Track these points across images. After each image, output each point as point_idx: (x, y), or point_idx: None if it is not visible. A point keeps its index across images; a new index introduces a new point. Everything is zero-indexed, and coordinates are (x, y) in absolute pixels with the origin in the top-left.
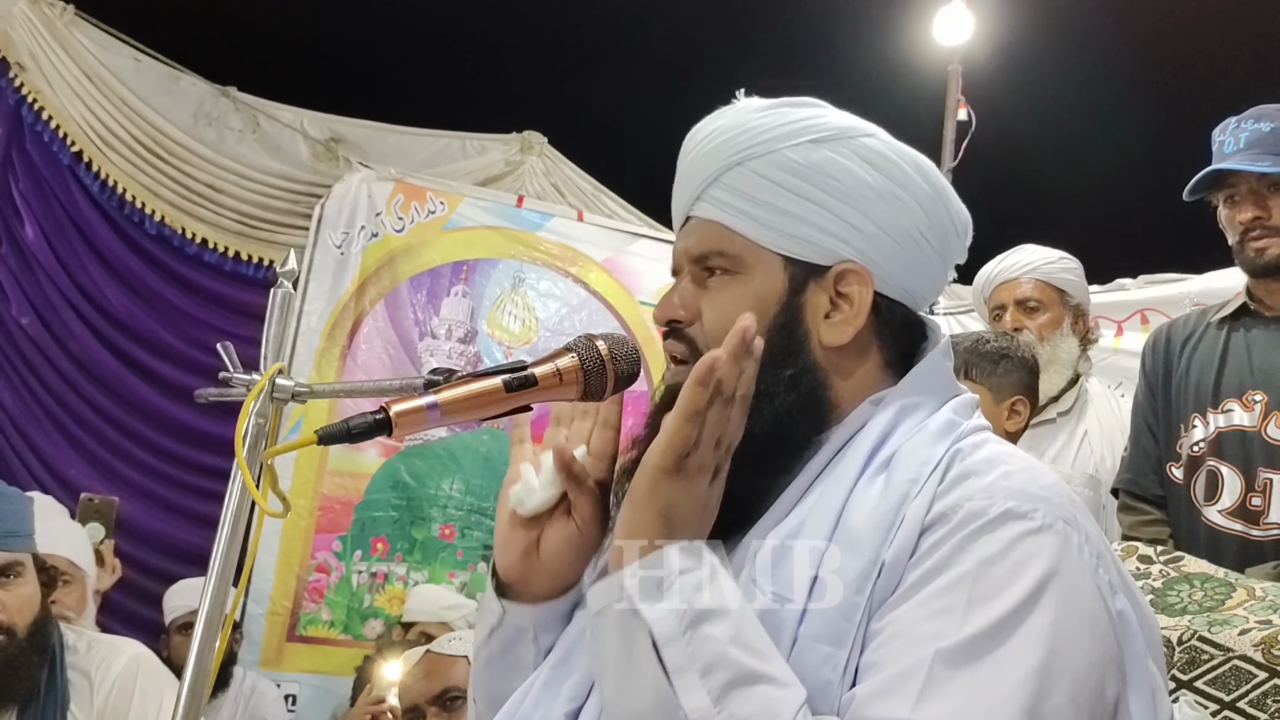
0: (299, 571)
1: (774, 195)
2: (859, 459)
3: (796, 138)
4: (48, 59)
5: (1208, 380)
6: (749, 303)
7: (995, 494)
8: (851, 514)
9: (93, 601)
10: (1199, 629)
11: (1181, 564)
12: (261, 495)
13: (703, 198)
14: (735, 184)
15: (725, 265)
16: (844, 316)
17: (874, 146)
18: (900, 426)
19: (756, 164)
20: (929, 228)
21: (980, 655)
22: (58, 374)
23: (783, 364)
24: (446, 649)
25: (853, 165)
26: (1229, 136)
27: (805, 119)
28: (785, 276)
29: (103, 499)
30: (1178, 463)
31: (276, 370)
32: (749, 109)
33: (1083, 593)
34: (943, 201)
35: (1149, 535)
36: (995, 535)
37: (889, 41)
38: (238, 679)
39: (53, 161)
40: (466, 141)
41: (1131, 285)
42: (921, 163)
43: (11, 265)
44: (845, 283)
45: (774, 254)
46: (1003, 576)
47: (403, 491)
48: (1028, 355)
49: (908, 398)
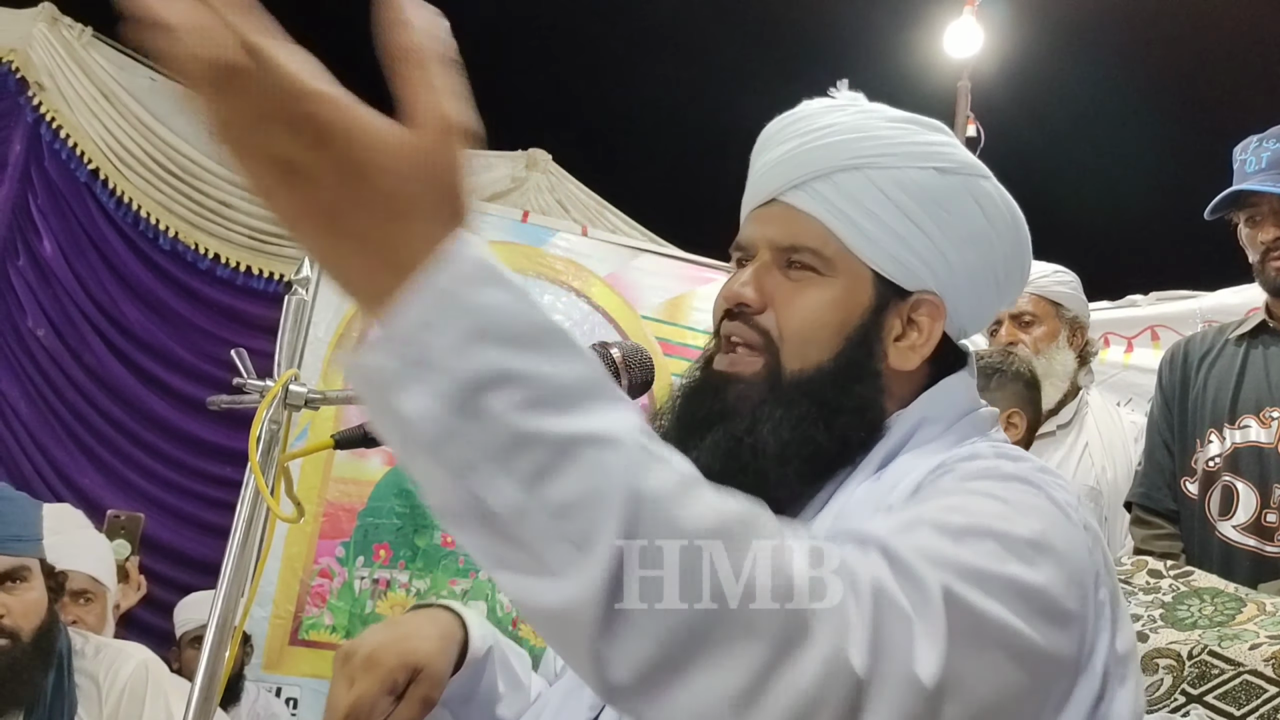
0: (302, 576)
1: (886, 211)
2: (869, 469)
3: (924, 161)
4: (66, 79)
5: (1225, 396)
6: (835, 308)
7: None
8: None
9: (112, 618)
10: (1209, 643)
11: (1191, 579)
12: (275, 499)
13: (803, 188)
14: (848, 187)
15: (815, 265)
16: (911, 343)
17: (988, 190)
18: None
19: (877, 175)
20: (1004, 276)
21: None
22: (73, 385)
23: (855, 378)
24: None
25: (967, 204)
26: (1250, 155)
27: (935, 145)
28: (873, 292)
29: (129, 515)
30: (1192, 478)
31: (291, 376)
32: (876, 115)
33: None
34: (1024, 256)
35: (1162, 549)
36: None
37: (898, 56)
38: (250, 695)
39: (70, 179)
40: (472, 158)
41: (1143, 301)
42: (1018, 214)
43: (29, 279)
44: (919, 311)
45: (866, 267)
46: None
47: (406, 499)
48: (1023, 369)
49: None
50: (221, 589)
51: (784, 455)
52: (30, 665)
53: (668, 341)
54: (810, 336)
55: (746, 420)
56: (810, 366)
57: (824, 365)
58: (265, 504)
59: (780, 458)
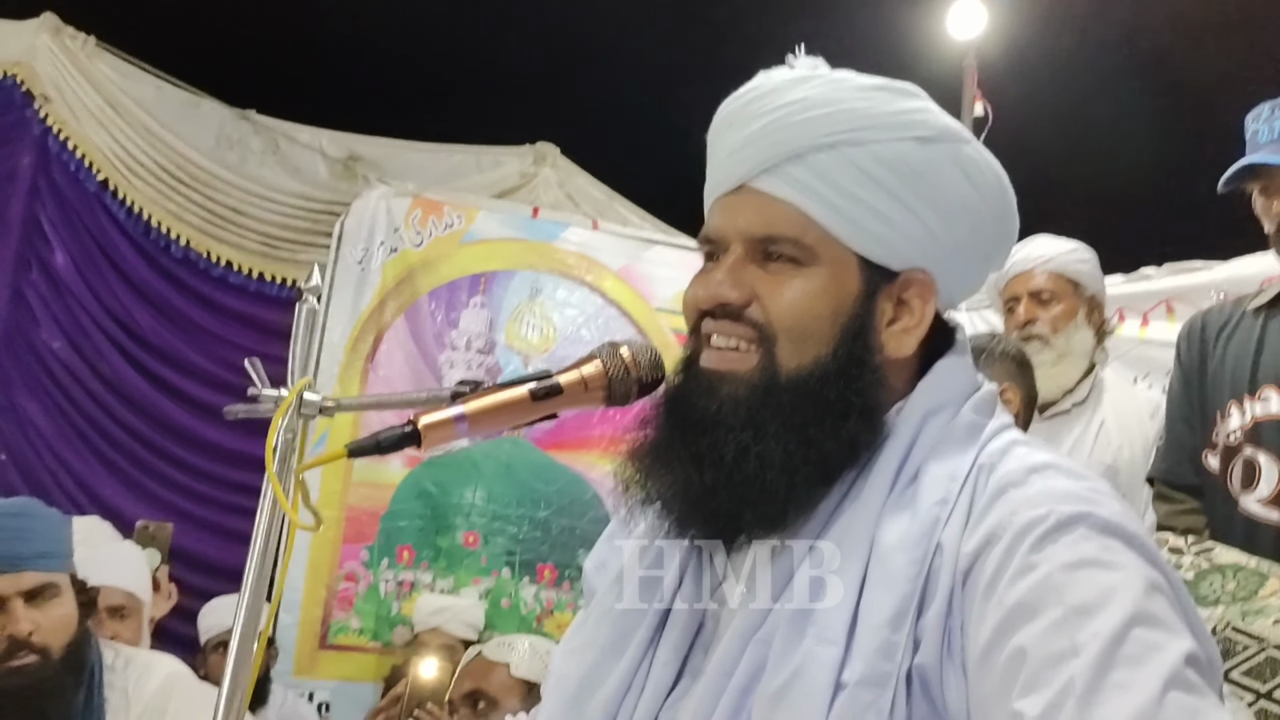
0: (328, 581)
1: (867, 190)
2: (887, 475)
3: (903, 131)
4: (71, 89)
5: (1244, 368)
6: (824, 298)
7: (1042, 502)
8: (883, 539)
9: (148, 630)
10: (1232, 619)
11: (1213, 554)
12: (293, 509)
13: (774, 172)
14: (823, 168)
15: (795, 255)
16: (905, 326)
17: (971, 155)
18: (924, 435)
19: (852, 152)
20: (992, 244)
21: (1112, 674)
22: (90, 397)
23: (857, 375)
24: (494, 654)
25: (952, 173)
26: (1263, 125)
27: (911, 112)
28: (860, 277)
29: (158, 525)
30: (1214, 451)
31: (304, 385)
32: (846, 84)
33: (1164, 578)
34: (1011, 220)
35: (1185, 525)
36: (1062, 541)
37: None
38: (278, 698)
39: (80, 189)
40: (481, 155)
41: (1156, 274)
42: (1003, 176)
43: (42, 291)
44: (909, 290)
45: (850, 251)
46: (1090, 583)
47: (427, 501)
48: (1010, 349)
49: (929, 403)
50: (244, 598)
51: (790, 465)
52: (62, 682)
53: (682, 333)
54: (806, 329)
55: (747, 428)
56: (808, 363)
57: (823, 361)
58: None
59: (787, 468)
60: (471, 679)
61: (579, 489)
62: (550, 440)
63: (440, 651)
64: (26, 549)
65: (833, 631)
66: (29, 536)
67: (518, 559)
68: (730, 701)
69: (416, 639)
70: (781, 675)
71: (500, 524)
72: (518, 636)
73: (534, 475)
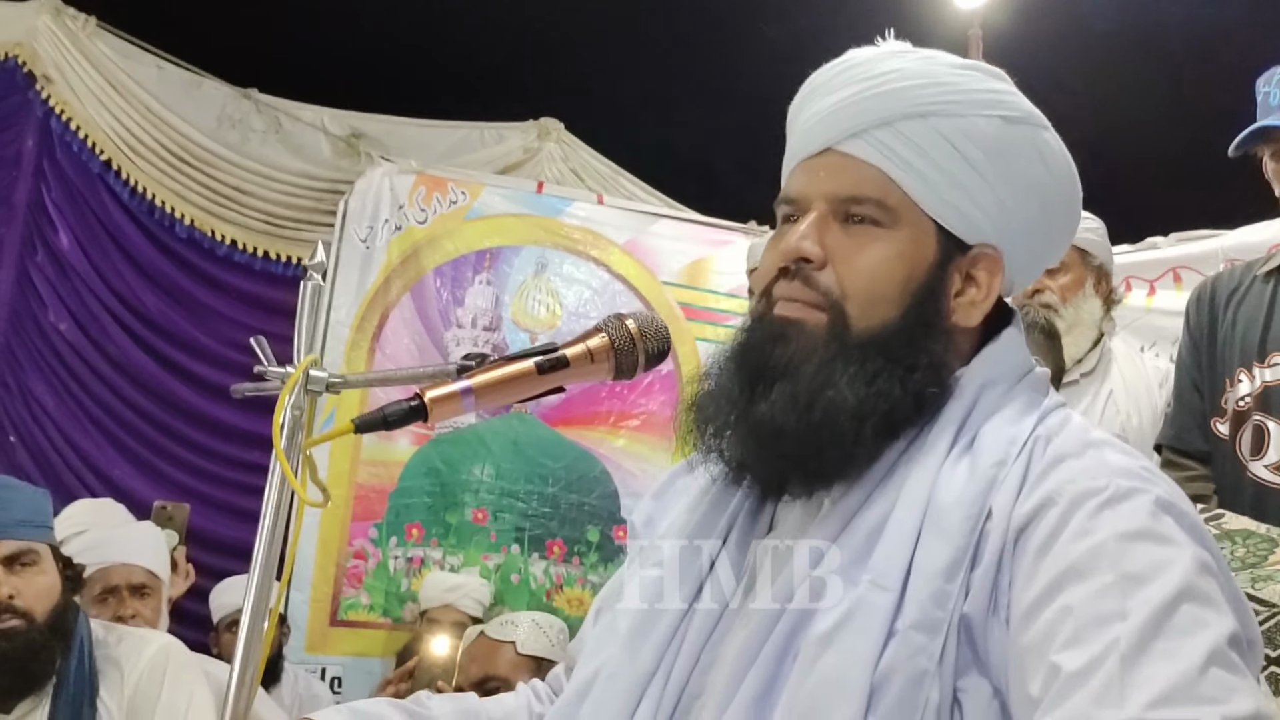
0: (338, 559)
1: (952, 161)
2: (946, 435)
3: (990, 109)
4: (73, 70)
5: (1254, 334)
6: (901, 263)
7: (1100, 473)
8: (940, 496)
9: (166, 610)
10: (1243, 585)
11: (1223, 521)
12: (302, 486)
13: (862, 136)
14: (913, 135)
15: (877, 216)
16: (971, 299)
17: (1049, 141)
18: (980, 404)
19: (942, 123)
20: (1058, 231)
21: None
22: (98, 378)
23: (926, 335)
24: (498, 633)
25: (1030, 154)
26: (1274, 88)
27: (999, 92)
28: (937, 246)
29: (175, 506)
30: (1223, 418)
31: (310, 362)
32: (939, 60)
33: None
34: (1076, 209)
35: (1193, 491)
36: (1120, 510)
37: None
38: (291, 677)
39: (83, 170)
40: (484, 131)
41: (1163, 243)
42: (1074, 167)
43: (48, 273)
44: (978, 265)
45: (929, 219)
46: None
47: (435, 478)
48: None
49: (988, 372)
50: (254, 575)
51: (861, 412)
52: (47, 645)
53: (689, 306)
54: (877, 293)
55: (819, 375)
56: (877, 324)
57: (891, 323)
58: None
59: (858, 414)
60: (479, 664)
61: (587, 464)
62: (558, 416)
63: (452, 629)
64: (4, 517)
65: (889, 579)
66: (6, 506)
67: (527, 535)
68: (777, 642)
69: (425, 616)
70: (832, 618)
71: (509, 500)
72: (519, 614)
73: (542, 451)
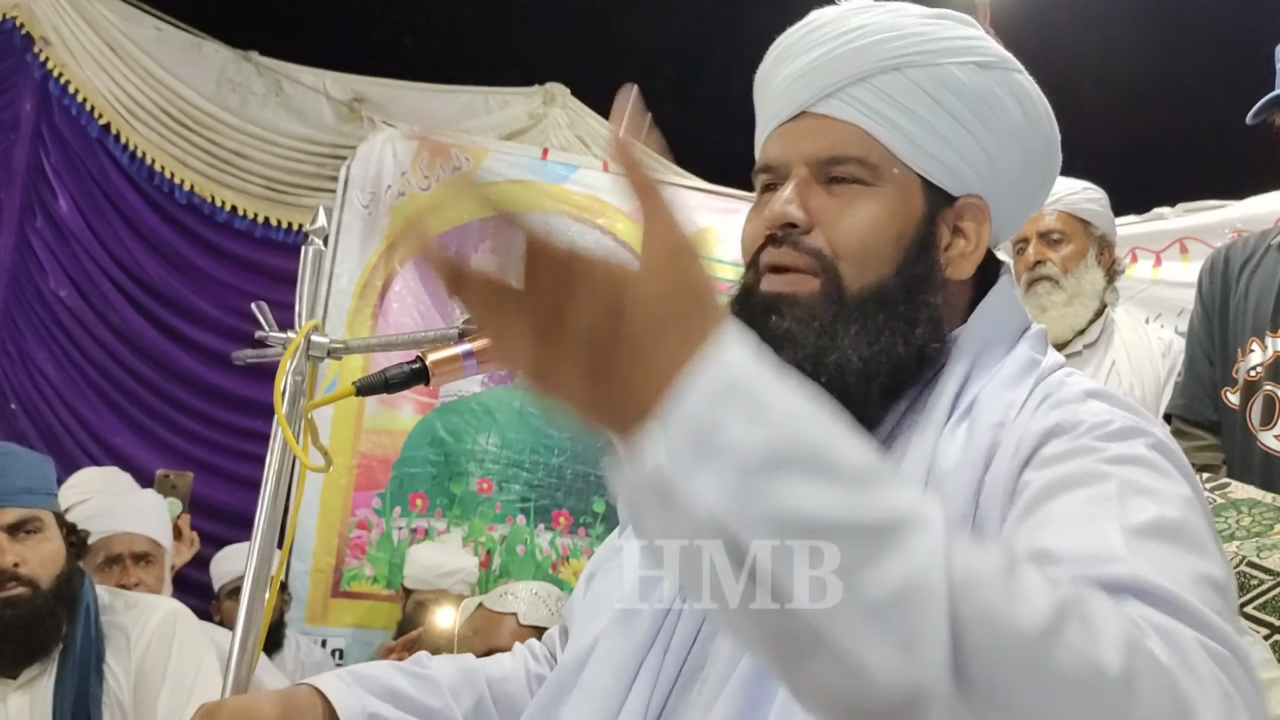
0: (340, 529)
1: (930, 112)
2: (943, 404)
3: (963, 55)
4: (71, 33)
5: (1267, 304)
6: (890, 219)
7: (1103, 412)
8: (940, 463)
9: (169, 577)
10: (1247, 554)
11: (1228, 490)
12: (303, 450)
13: (837, 95)
14: (889, 89)
15: (860, 175)
16: (961, 251)
17: (1024, 84)
18: (979, 367)
19: (917, 74)
20: (1041, 176)
21: (1154, 538)
22: (99, 344)
23: (921, 290)
24: (497, 605)
25: (1007, 99)
26: None
27: (970, 38)
28: (923, 199)
29: (178, 474)
30: (1234, 388)
31: (312, 327)
32: (906, 12)
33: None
34: (1055, 154)
35: (1203, 461)
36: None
37: None
38: (293, 644)
39: (82, 134)
40: (489, 96)
41: (1170, 214)
42: (1049, 109)
43: (47, 239)
44: (965, 217)
45: (913, 173)
46: (1142, 477)
47: (440, 447)
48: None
49: (984, 333)
50: (255, 541)
51: (868, 371)
52: (53, 611)
53: None
54: (870, 251)
55: (821, 338)
56: (873, 282)
57: (888, 279)
58: (294, 455)
59: (864, 374)
60: (483, 638)
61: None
62: None
63: (455, 601)
64: (7, 485)
65: None
66: (9, 474)
67: (532, 505)
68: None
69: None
70: None
71: (514, 470)
72: (517, 585)
73: (548, 421)
